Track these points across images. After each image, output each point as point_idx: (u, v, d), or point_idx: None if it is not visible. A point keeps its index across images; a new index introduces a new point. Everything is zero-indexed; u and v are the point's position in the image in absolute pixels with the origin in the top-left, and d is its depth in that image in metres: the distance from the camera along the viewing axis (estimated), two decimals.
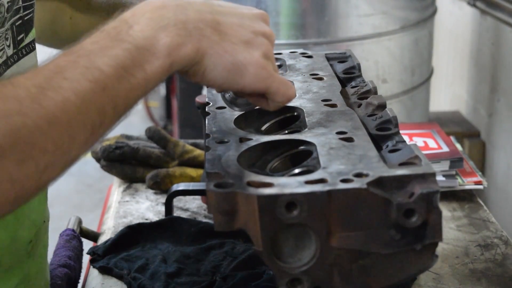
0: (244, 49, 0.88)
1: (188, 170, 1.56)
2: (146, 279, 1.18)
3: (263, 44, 0.90)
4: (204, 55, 0.85)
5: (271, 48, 0.92)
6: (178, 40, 0.83)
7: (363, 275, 0.88)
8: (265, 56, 0.90)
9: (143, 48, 0.81)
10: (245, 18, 0.90)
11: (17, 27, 1.00)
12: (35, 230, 1.08)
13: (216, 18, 0.87)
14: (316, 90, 1.14)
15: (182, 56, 0.84)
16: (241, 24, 0.89)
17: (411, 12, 2.44)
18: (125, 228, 1.33)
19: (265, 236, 0.85)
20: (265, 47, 0.90)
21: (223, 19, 0.87)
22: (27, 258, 1.08)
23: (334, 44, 2.33)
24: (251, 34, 0.89)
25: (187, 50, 0.84)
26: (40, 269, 1.14)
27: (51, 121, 0.74)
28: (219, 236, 1.30)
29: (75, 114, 0.76)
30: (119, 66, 0.79)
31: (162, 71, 0.83)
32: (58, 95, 0.75)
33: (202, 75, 0.87)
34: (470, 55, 3.02)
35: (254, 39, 0.89)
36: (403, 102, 2.49)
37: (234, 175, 0.89)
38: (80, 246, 1.40)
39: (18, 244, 1.05)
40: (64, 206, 3.72)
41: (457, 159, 1.49)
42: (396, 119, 1.02)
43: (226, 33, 0.87)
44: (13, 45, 0.99)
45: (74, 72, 0.77)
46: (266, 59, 0.90)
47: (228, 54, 0.86)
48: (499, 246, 1.30)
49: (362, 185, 0.85)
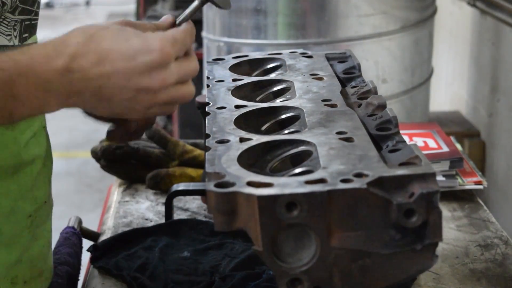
0: (125, 104, 0.89)
1: (188, 170, 1.56)
2: (146, 278, 1.18)
3: (144, 99, 0.89)
4: (83, 107, 0.90)
5: (157, 95, 0.89)
6: (53, 102, 0.87)
7: (363, 275, 0.88)
8: (158, 91, 0.89)
9: (18, 100, 0.85)
10: (134, 75, 0.88)
11: (25, 26, 1.06)
12: (35, 206, 1.11)
13: (99, 84, 0.87)
14: (316, 90, 1.14)
15: (51, 111, 0.88)
16: (126, 86, 0.88)
17: (411, 12, 2.44)
18: (127, 230, 1.34)
19: (265, 236, 0.85)
20: (154, 84, 0.88)
21: (108, 82, 0.87)
22: (28, 234, 1.10)
23: (334, 44, 2.33)
24: (133, 93, 0.88)
25: (57, 107, 0.88)
26: (43, 253, 1.16)
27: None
28: (218, 236, 1.30)
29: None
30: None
31: (28, 118, 0.89)
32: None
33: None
34: (470, 55, 3.02)
35: (136, 97, 0.89)
36: (403, 102, 2.49)
37: (234, 175, 0.89)
38: (79, 243, 1.40)
39: (17, 215, 1.08)
40: (64, 206, 3.72)
41: (457, 159, 1.49)
42: (396, 119, 1.02)
43: (110, 98, 0.88)
44: (19, 39, 1.05)
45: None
46: (160, 92, 0.89)
47: (114, 109, 0.89)
48: (499, 246, 1.30)
49: (362, 185, 0.85)
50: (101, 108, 0.90)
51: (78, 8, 9.83)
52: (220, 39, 2.38)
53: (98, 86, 0.87)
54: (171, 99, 0.91)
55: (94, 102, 0.88)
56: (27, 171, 1.09)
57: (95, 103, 0.89)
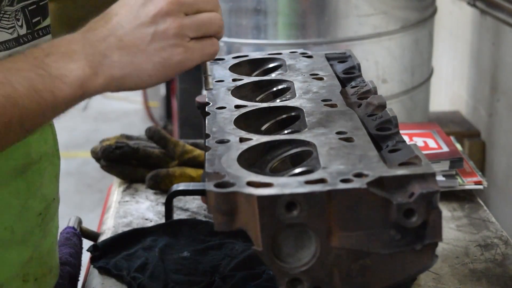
0: (155, 48, 0.92)
1: (188, 170, 1.56)
2: (146, 278, 1.18)
3: (166, 28, 0.92)
4: (122, 78, 0.92)
5: (177, 17, 0.93)
6: (89, 71, 0.90)
7: (363, 275, 0.88)
8: (175, 36, 0.93)
9: (55, 77, 0.88)
10: (139, 9, 0.93)
11: (30, 10, 1.06)
12: (45, 204, 1.12)
13: (117, 36, 0.92)
14: (316, 90, 1.14)
15: (95, 87, 0.91)
16: (139, 23, 0.92)
17: (411, 12, 2.44)
18: (127, 230, 1.34)
19: (265, 236, 0.85)
20: (171, 27, 0.92)
21: (123, 31, 0.92)
22: (39, 232, 1.11)
23: (334, 44, 2.33)
24: (151, 27, 0.92)
25: (99, 81, 0.91)
26: (51, 249, 1.17)
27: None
28: (218, 235, 1.30)
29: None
30: (31, 87, 0.87)
31: (72, 99, 0.90)
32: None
33: (135, 88, 0.94)
34: (470, 55, 3.02)
35: (157, 31, 0.92)
36: (403, 102, 2.49)
37: (234, 175, 0.89)
38: (80, 243, 1.41)
39: (28, 213, 1.09)
40: (64, 206, 3.72)
41: (457, 159, 1.49)
42: (396, 119, 1.02)
43: (132, 45, 0.92)
44: (27, 26, 1.06)
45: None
46: (177, 37, 0.93)
47: (146, 63, 0.92)
48: (499, 246, 1.30)
49: (362, 185, 0.85)
50: (136, 67, 0.91)
51: None
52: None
53: (117, 38, 0.91)
54: (198, 32, 0.93)
55: (125, 59, 0.91)
56: (35, 170, 1.09)
57: (126, 61, 0.91)
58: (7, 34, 1.02)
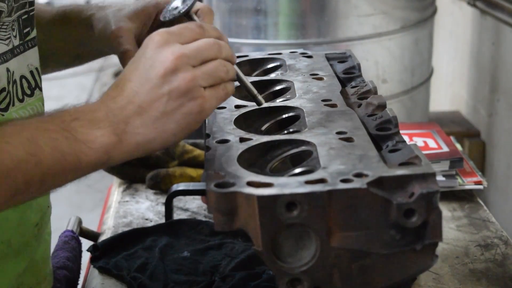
0: (174, 106, 0.92)
1: (188, 170, 1.56)
2: (146, 278, 1.18)
3: (179, 84, 0.92)
4: (148, 142, 0.92)
5: (186, 69, 0.93)
6: (114, 139, 0.90)
7: (363, 275, 0.88)
8: (190, 90, 0.92)
9: (82, 141, 0.89)
10: (148, 71, 0.92)
11: (23, 20, 1.05)
12: (41, 213, 1.12)
13: (135, 103, 0.92)
14: (316, 90, 1.14)
15: (120, 154, 0.91)
16: (152, 86, 0.92)
17: (411, 12, 2.43)
18: (127, 230, 1.34)
19: (265, 236, 0.85)
20: (183, 82, 0.92)
21: (139, 98, 0.92)
22: (35, 242, 1.11)
23: (334, 44, 2.33)
24: (165, 87, 0.91)
25: (124, 148, 0.91)
26: (45, 256, 1.16)
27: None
28: (218, 235, 1.30)
29: (4, 175, 0.84)
30: (56, 149, 0.87)
31: (96, 164, 0.91)
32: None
33: (161, 148, 0.95)
34: (470, 55, 3.01)
35: (171, 89, 0.91)
36: (403, 102, 2.49)
37: (234, 175, 0.89)
38: (78, 247, 1.40)
39: (26, 226, 1.08)
40: (64, 206, 3.72)
41: (457, 159, 1.49)
42: (396, 119, 1.02)
43: (152, 109, 0.91)
44: (19, 37, 1.05)
45: (16, 140, 0.86)
46: (192, 90, 0.92)
47: (168, 124, 0.92)
48: (499, 246, 1.30)
49: (362, 185, 0.85)
50: (159, 130, 0.92)
51: None
52: None
53: (135, 105, 0.91)
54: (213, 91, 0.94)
55: (147, 125, 0.91)
56: None
57: (149, 126, 0.91)
58: (4, 45, 1.02)
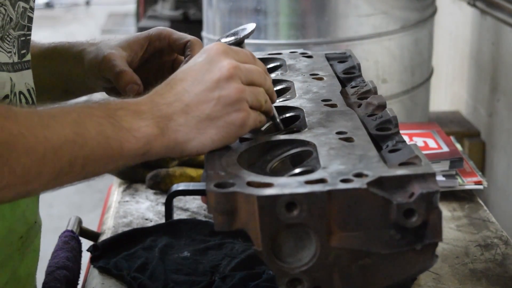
0: (219, 113, 0.94)
1: (188, 170, 1.56)
2: (146, 278, 1.18)
3: (230, 93, 0.94)
4: (187, 142, 0.94)
5: (238, 81, 0.95)
6: (157, 131, 0.92)
7: (363, 275, 0.88)
8: (238, 101, 0.95)
9: (126, 129, 0.90)
10: (204, 75, 0.95)
11: (21, 42, 1.07)
12: (26, 227, 1.11)
13: (183, 101, 0.94)
14: (316, 90, 1.14)
15: (159, 147, 0.93)
16: (204, 88, 0.94)
17: (411, 12, 2.43)
18: (127, 230, 1.34)
19: (265, 236, 0.85)
20: (233, 92, 0.94)
21: (188, 97, 0.94)
22: (18, 255, 1.09)
23: (334, 44, 2.33)
24: (215, 92, 0.94)
25: (164, 141, 0.93)
26: (30, 273, 1.15)
27: (29, 149, 0.83)
28: (218, 235, 1.30)
29: (51, 153, 0.84)
30: (101, 133, 0.89)
31: (137, 154, 0.92)
32: (44, 131, 0.84)
33: (196, 153, 0.96)
34: (470, 55, 3.02)
35: (221, 96, 0.94)
36: (403, 102, 2.48)
37: (234, 175, 0.89)
38: (78, 247, 1.40)
39: (11, 237, 1.07)
40: (64, 206, 3.72)
41: (457, 159, 1.49)
42: (396, 119, 1.02)
43: (198, 109, 0.94)
44: (18, 56, 1.06)
45: (64, 119, 0.87)
46: (239, 101, 0.95)
47: (210, 128, 0.94)
48: (499, 246, 1.30)
49: (362, 185, 0.85)
50: (200, 132, 0.94)
51: (78, 8, 9.83)
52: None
53: (183, 103, 0.93)
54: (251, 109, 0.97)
55: (190, 123, 0.93)
56: None
57: (191, 125, 0.93)
58: (6, 57, 1.03)
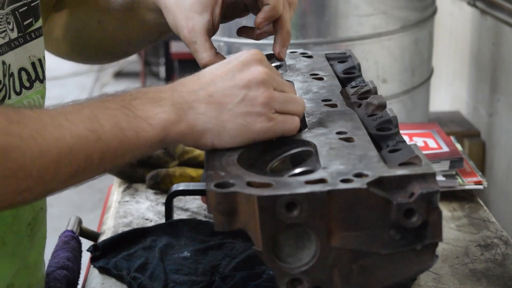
0: (242, 110, 0.94)
1: (188, 170, 1.56)
2: (146, 278, 1.18)
3: (257, 95, 0.94)
4: (204, 131, 0.93)
5: (269, 88, 0.95)
6: (174, 117, 0.92)
7: (363, 275, 0.88)
8: (263, 105, 0.94)
9: (141, 118, 0.90)
10: (235, 73, 0.95)
11: (21, 13, 1.05)
12: (33, 214, 1.11)
13: (208, 91, 0.94)
14: (316, 90, 1.14)
15: (177, 132, 0.92)
16: (233, 85, 0.94)
17: (411, 12, 2.43)
18: (127, 230, 1.34)
19: (265, 236, 0.85)
20: (261, 96, 0.94)
21: (214, 88, 0.94)
22: (28, 242, 1.10)
23: (334, 44, 2.33)
24: (243, 90, 0.94)
25: (181, 127, 0.92)
26: (38, 260, 1.16)
27: (43, 151, 0.83)
28: (218, 235, 1.30)
29: (65, 152, 0.84)
30: (116, 125, 0.88)
31: (154, 141, 0.91)
32: (56, 131, 0.84)
33: (211, 145, 0.95)
34: (470, 55, 3.01)
35: (247, 95, 0.94)
36: (403, 102, 2.48)
37: (234, 175, 0.89)
38: (79, 247, 1.40)
39: (19, 224, 1.08)
40: (64, 206, 3.72)
41: (457, 159, 1.49)
42: (396, 119, 1.02)
43: (221, 102, 0.94)
44: (18, 29, 1.05)
45: (76, 117, 0.87)
46: (265, 106, 0.94)
47: (229, 122, 0.94)
48: (499, 246, 1.30)
49: (362, 185, 0.85)
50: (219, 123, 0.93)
51: None
52: (220, 39, 2.37)
53: (207, 93, 0.93)
54: (282, 109, 0.96)
55: (210, 113, 0.93)
56: None
57: (211, 115, 0.93)
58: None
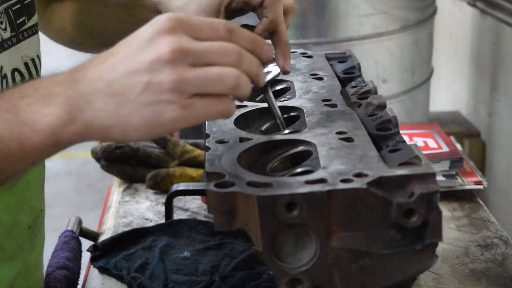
0: (146, 100, 0.78)
1: (188, 170, 1.56)
2: (146, 278, 1.18)
3: (162, 80, 0.78)
4: (105, 129, 0.79)
5: (179, 67, 0.78)
6: (65, 118, 0.78)
7: (363, 275, 0.88)
8: (172, 90, 0.78)
9: (24, 123, 0.78)
10: (137, 53, 0.79)
11: (14, 11, 1.01)
12: (33, 216, 1.10)
13: (107, 80, 0.79)
14: (316, 90, 1.14)
15: (70, 135, 0.79)
16: (133, 70, 0.78)
17: (411, 12, 2.44)
18: (127, 230, 1.34)
19: (265, 236, 0.85)
20: (167, 80, 0.78)
21: (114, 75, 0.79)
22: (28, 245, 1.09)
23: (334, 44, 2.33)
24: (146, 76, 0.78)
25: (75, 128, 0.79)
26: (38, 261, 1.15)
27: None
28: (218, 235, 1.30)
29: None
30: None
31: (43, 148, 0.79)
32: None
33: (121, 140, 0.82)
34: (470, 55, 3.02)
35: (152, 81, 0.78)
36: (403, 102, 2.49)
37: (234, 175, 0.89)
38: (78, 247, 1.40)
39: (19, 228, 1.07)
40: (64, 206, 3.72)
41: (457, 159, 1.49)
42: (396, 119, 1.02)
43: (121, 93, 0.78)
44: (11, 29, 1.00)
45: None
46: (174, 92, 0.78)
47: (133, 116, 0.79)
48: (499, 246, 1.30)
49: (362, 185, 0.85)
50: (120, 119, 0.79)
51: None
52: None
53: (106, 83, 0.78)
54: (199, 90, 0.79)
55: (110, 108, 0.78)
56: (24, 182, 1.06)
57: (110, 110, 0.78)
58: None
